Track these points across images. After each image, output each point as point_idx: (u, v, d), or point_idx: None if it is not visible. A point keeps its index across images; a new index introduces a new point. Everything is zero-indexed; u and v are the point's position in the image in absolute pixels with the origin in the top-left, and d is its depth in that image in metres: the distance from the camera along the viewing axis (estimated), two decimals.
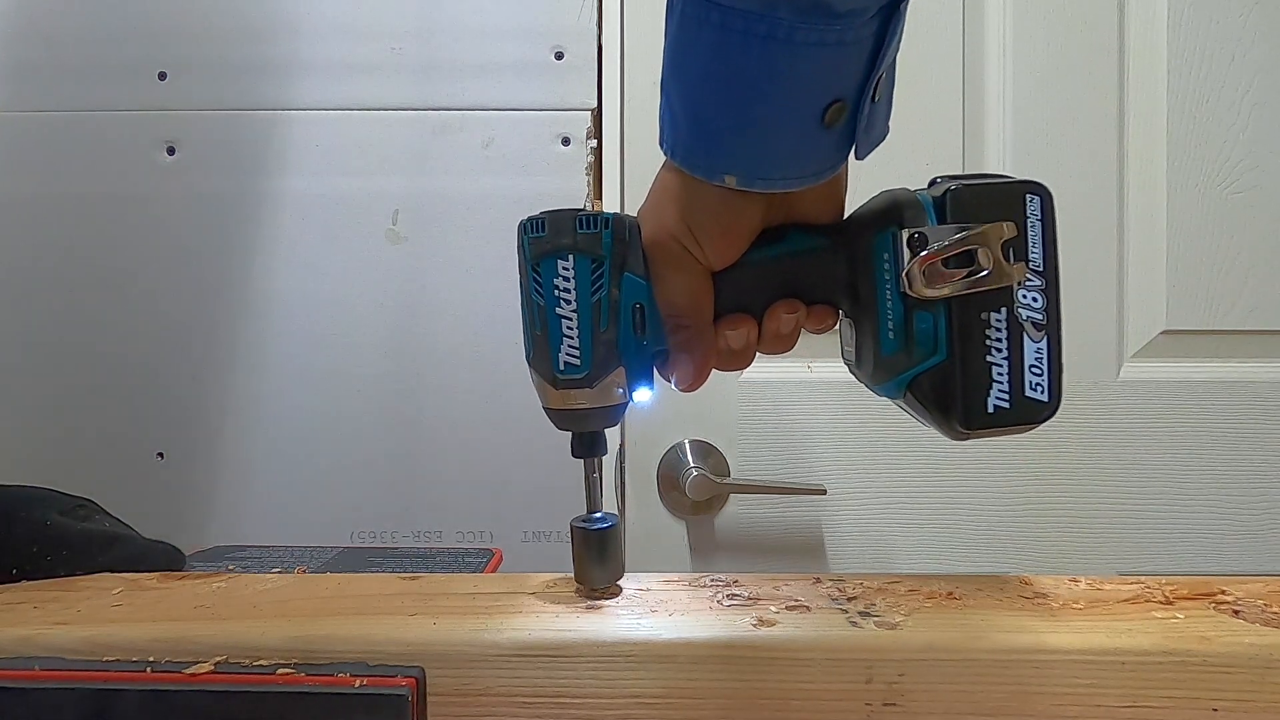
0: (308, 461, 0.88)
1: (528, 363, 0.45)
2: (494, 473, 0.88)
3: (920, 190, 0.42)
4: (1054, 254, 0.41)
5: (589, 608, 0.42)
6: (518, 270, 0.44)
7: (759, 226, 0.43)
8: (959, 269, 0.40)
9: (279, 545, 0.65)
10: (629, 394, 0.45)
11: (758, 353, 0.46)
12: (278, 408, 0.88)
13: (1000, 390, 0.41)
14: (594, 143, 0.88)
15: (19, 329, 0.88)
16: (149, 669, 0.38)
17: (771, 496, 0.87)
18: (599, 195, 0.89)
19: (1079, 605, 0.42)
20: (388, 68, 0.88)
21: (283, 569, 0.55)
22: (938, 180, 0.43)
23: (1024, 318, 0.41)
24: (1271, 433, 0.87)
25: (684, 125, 0.40)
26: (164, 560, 0.53)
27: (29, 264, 0.88)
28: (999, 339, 0.41)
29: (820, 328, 0.45)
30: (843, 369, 0.49)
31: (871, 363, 0.44)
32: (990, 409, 0.41)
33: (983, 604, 0.42)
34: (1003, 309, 0.41)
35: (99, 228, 0.88)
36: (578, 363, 0.43)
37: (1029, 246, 0.41)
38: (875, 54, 0.37)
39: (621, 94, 0.88)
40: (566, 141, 0.88)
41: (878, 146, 0.41)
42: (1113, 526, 0.87)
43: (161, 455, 0.88)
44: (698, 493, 0.84)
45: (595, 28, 0.88)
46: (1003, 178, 0.42)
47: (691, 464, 0.85)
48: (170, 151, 0.88)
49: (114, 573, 0.50)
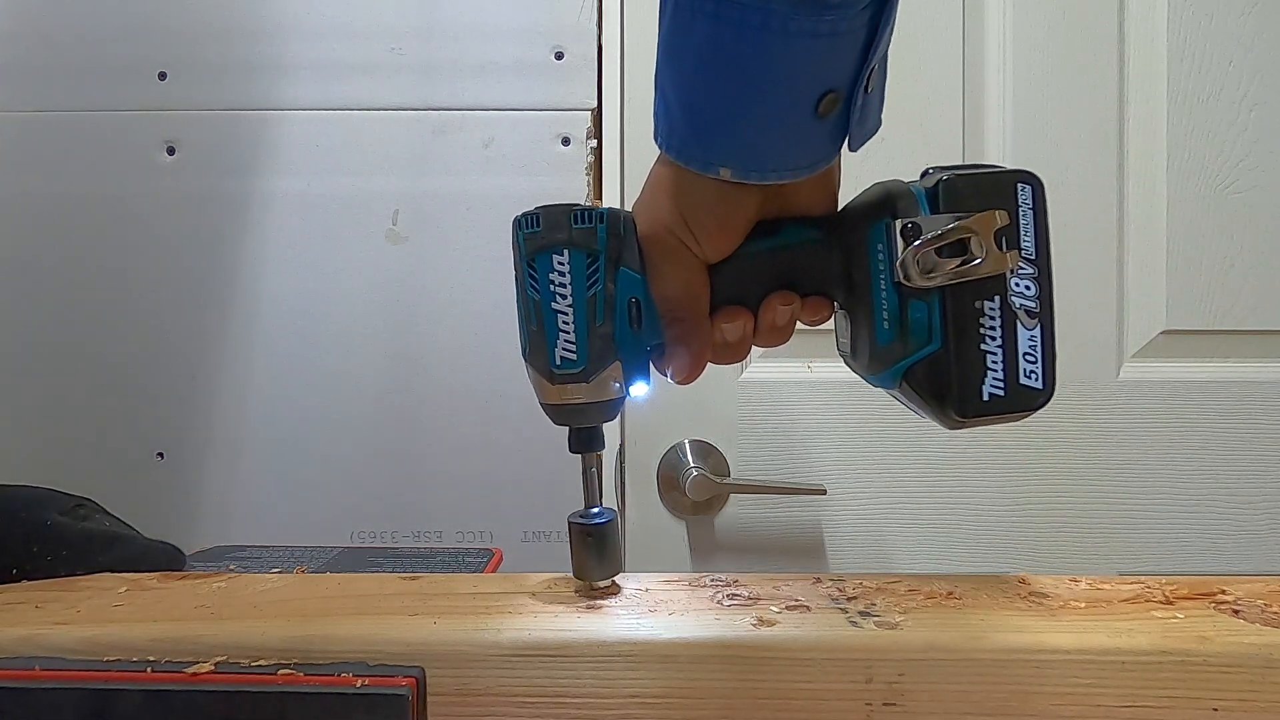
0: (308, 461, 0.88)
1: (524, 358, 0.45)
2: (494, 472, 0.88)
3: (913, 181, 0.43)
4: (1046, 242, 0.41)
5: (589, 608, 0.42)
6: (513, 266, 0.44)
7: (754, 219, 0.43)
8: (952, 258, 0.40)
9: (279, 545, 0.65)
10: (625, 389, 0.45)
11: (753, 345, 0.46)
12: (278, 407, 0.88)
13: (995, 378, 0.41)
14: (594, 143, 0.88)
15: (19, 329, 0.88)
16: (149, 669, 0.38)
17: (771, 496, 0.87)
18: (599, 195, 0.89)
19: (1079, 605, 0.42)
20: (387, 67, 0.88)
21: (283, 569, 0.55)
22: (930, 171, 0.43)
23: (1017, 305, 0.41)
24: (1271, 433, 0.87)
25: (678, 117, 0.40)
26: (164, 560, 0.53)
27: (29, 264, 0.88)
28: (993, 327, 0.41)
29: (815, 319, 0.45)
30: (843, 369, 0.49)
31: (867, 353, 0.44)
32: (985, 397, 0.41)
33: (982, 604, 0.42)
34: (996, 297, 0.41)
35: (99, 228, 0.88)
36: (574, 358, 0.43)
37: (1021, 235, 0.41)
38: (868, 45, 0.37)
39: (621, 94, 0.88)
40: (566, 141, 0.88)
41: (871, 138, 0.41)
42: (1113, 526, 0.87)
43: (161, 455, 0.88)
44: (698, 493, 0.84)
45: (595, 28, 0.88)
46: (995, 167, 0.42)
47: (691, 464, 0.85)
48: (170, 151, 0.88)
49: (114, 573, 0.50)
